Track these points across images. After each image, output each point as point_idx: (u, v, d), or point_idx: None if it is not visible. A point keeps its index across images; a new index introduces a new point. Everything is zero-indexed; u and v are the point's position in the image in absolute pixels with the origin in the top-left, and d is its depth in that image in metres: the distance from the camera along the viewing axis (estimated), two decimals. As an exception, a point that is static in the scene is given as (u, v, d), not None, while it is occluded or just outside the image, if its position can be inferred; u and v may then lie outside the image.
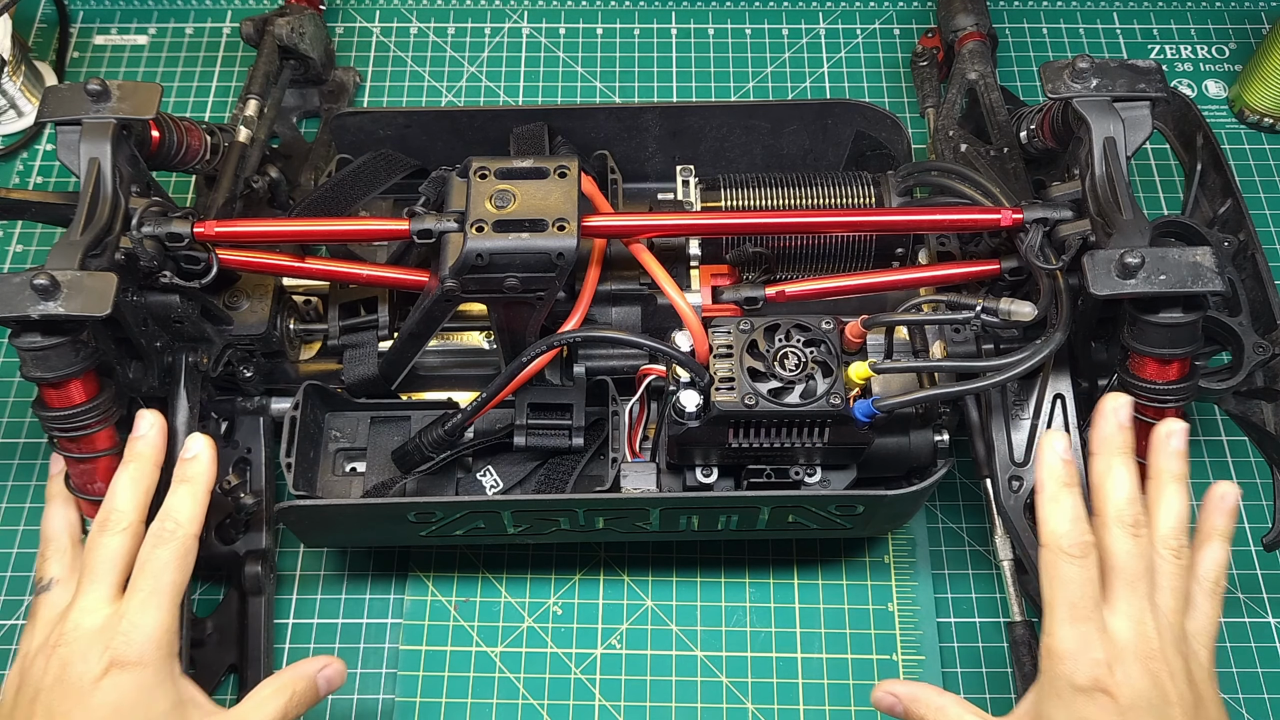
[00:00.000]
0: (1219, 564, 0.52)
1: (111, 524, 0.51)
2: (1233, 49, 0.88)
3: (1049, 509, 0.50)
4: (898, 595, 0.67)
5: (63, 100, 0.57)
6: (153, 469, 0.53)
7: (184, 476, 0.53)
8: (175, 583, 0.50)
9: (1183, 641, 0.49)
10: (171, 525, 0.51)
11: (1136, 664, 0.47)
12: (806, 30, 0.89)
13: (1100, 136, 0.56)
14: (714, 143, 0.70)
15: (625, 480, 0.59)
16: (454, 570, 0.68)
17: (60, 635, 0.49)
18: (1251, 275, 0.59)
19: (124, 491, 0.52)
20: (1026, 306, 0.54)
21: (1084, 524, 0.49)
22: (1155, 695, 0.46)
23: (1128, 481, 0.50)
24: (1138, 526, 0.49)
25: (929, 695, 0.52)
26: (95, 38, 0.89)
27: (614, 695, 0.64)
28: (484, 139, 0.69)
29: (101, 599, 0.49)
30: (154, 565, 0.50)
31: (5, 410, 0.73)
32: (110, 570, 0.50)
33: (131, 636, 0.48)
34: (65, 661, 0.48)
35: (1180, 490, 0.51)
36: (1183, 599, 0.49)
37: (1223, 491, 0.53)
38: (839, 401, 0.54)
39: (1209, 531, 0.53)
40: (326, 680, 0.54)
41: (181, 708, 0.49)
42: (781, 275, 0.64)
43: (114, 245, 0.53)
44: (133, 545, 0.51)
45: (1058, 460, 0.51)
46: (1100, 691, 0.46)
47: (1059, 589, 0.48)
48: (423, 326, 0.59)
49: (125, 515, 0.51)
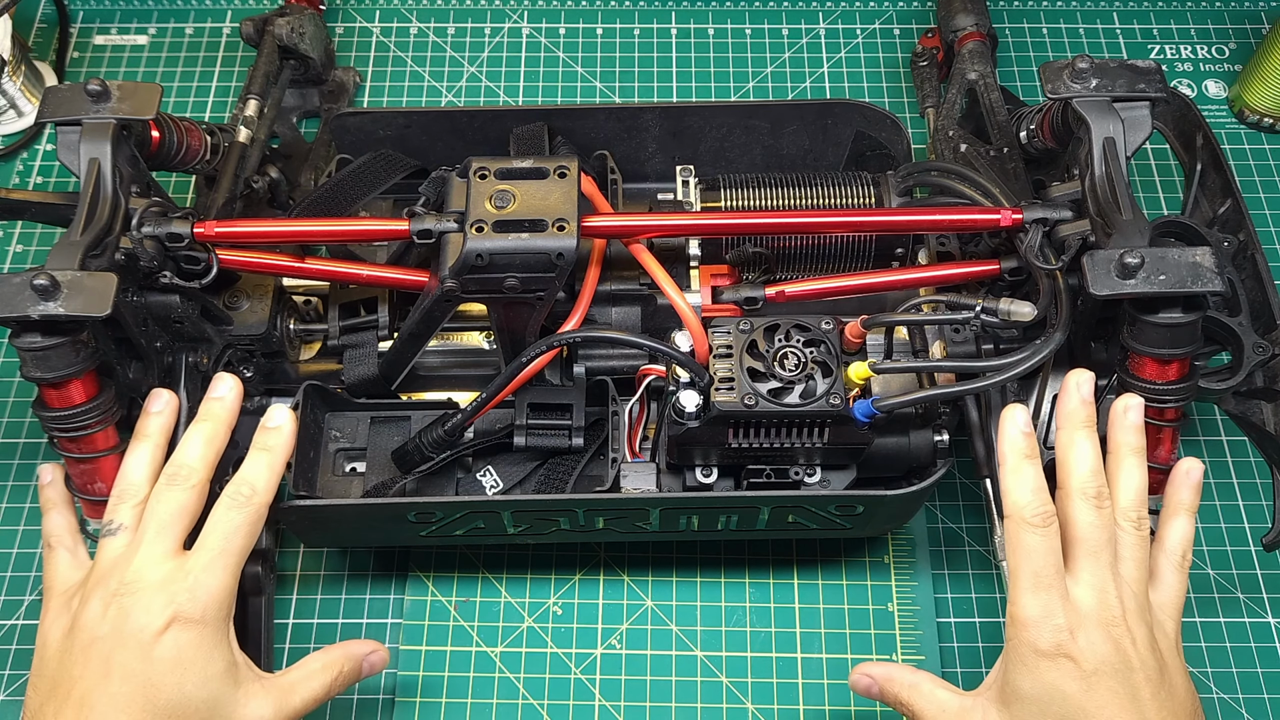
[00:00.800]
0: (1186, 538, 0.53)
1: (182, 478, 0.51)
2: (1233, 49, 0.88)
3: (1011, 480, 0.50)
4: (898, 595, 0.67)
5: (63, 100, 0.57)
6: (225, 430, 0.54)
7: (264, 445, 0.53)
8: (243, 548, 0.51)
9: (1146, 611, 0.50)
10: (248, 490, 0.51)
11: (1099, 630, 0.48)
12: (806, 30, 0.89)
13: (1100, 136, 0.56)
14: (714, 143, 0.70)
15: (625, 480, 0.59)
16: (454, 570, 0.68)
17: (122, 584, 0.48)
18: (1251, 275, 0.59)
19: (195, 447, 0.52)
20: (1026, 307, 0.54)
21: (1045, 494, 0.50)
22: (1118, 660, 0.47)
23: (1090, 454, 0.51)
24: (1100, 498, 0.50)
25: (902, 674, 0.53)
26: (95, 38, 0.89)
27: (614, 695, 0.64)
28: (484, 139, 0.69)
29: (165, 552, 0.49)
30: (225, 527, 0.50)
31: (5, 410, 0.73)
32: (175, 524, 0.50)
33: (196, 594, 0.48)
34: (126, 611, 0.48)
35: (1139, 463, 0.52)
36: (1145, 569, 0.50)
37: (1188, 467, 0.54)
38: (839, 402, 0.54)
39: (1175, 506, 0.54)
40: (371, 665, 0.56)
41: (234, 669, 0.50)
42: (781, 275, 0.64)
43: (114, 245, 0.53)
44: (198, 502, 0.51)
45: (1018, 433, 0.51)
46: (1064, 657, 0.47)
47: (1022, 558, 0.49)
48: (423, 327, 0.60)
49: (196, 472, 0.51)
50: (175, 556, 0.50)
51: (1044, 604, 0.48)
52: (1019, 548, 0.49)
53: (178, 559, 0.49)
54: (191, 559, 0.49)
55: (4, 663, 0.65)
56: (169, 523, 0.50)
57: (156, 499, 0.51)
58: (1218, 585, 0.68)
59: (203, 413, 0.54)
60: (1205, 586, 0.68)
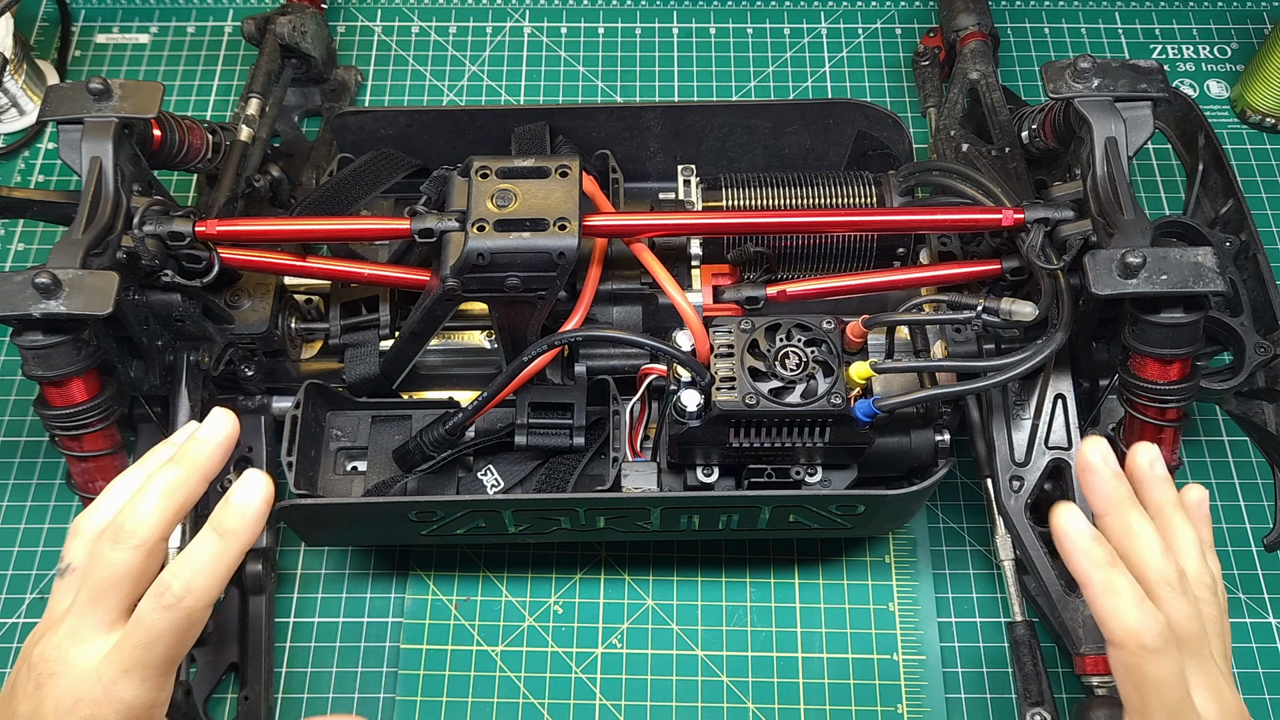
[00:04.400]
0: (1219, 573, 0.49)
1: (125, 536, 0.43)
2: (1235, 49, 0.88)
3: (1109, 604, 0.43)
4: (898, 595, 0.67)
5: (65, 99, 0.57)
6: (198, 481, 0.45)
7: (220, 527, 0.43)
8: (165, 658, 0.42)
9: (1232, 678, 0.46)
10: (179, 589, 0.42)
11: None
12: (808, 30, 0.89)
13: (1102, 136, 0.56)
14: (715, 142, 0.70)
15: (626, 480, 0.59)
16: (455, 569, 0.68)
17: (44, 661, 0.43)
18: (1253, 275, 0.59)
19: (150, 501, 0.43)
20: (1028, 306, 0.54)
21: (1149, 605, 0.43)
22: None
23: (1154, 536, 0.45)
24: (1183, 582, 0.45)
25: None
26: (97, 36, 0.89)
27: (614, 694, 0.64)
28: (485, 138, 0.69)
29: (97, 624, 0.43)
30: (142, 633, 0.42)
31: (6, 409, 0.73)
32: (113, 592, 0.43)
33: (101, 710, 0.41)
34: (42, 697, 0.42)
35: (1185, 518, 0.48)
36: (1228, 640, 0.47)
37: (1198, 498, 0.50)
38: (840, 401, 0.54)
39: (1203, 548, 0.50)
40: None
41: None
42: (782, 275, 0.64)
43: (115, 244, 0.53)
44: (144, 564, 0.43)
45: (1090, 545, 0.44)
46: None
47: (1152, 694, 0.43)
48: (424, 326, 0.60)
49: (142, 530, 0.43)
50: (110, 632, 0.43)
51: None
52: (1144, 682, 0.43)
53: (110, 637, 0.43)
54: (107, 662, 0.42)
55: (4, 661, 0.65)
56: (104, 590, 0.43)
57: (94, 557, 0.43)
58: (1219, 585, 0.68)
59: (177, 454, 0.45)
60: (1206, 587, 0.68)
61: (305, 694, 0.65)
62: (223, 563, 0.43)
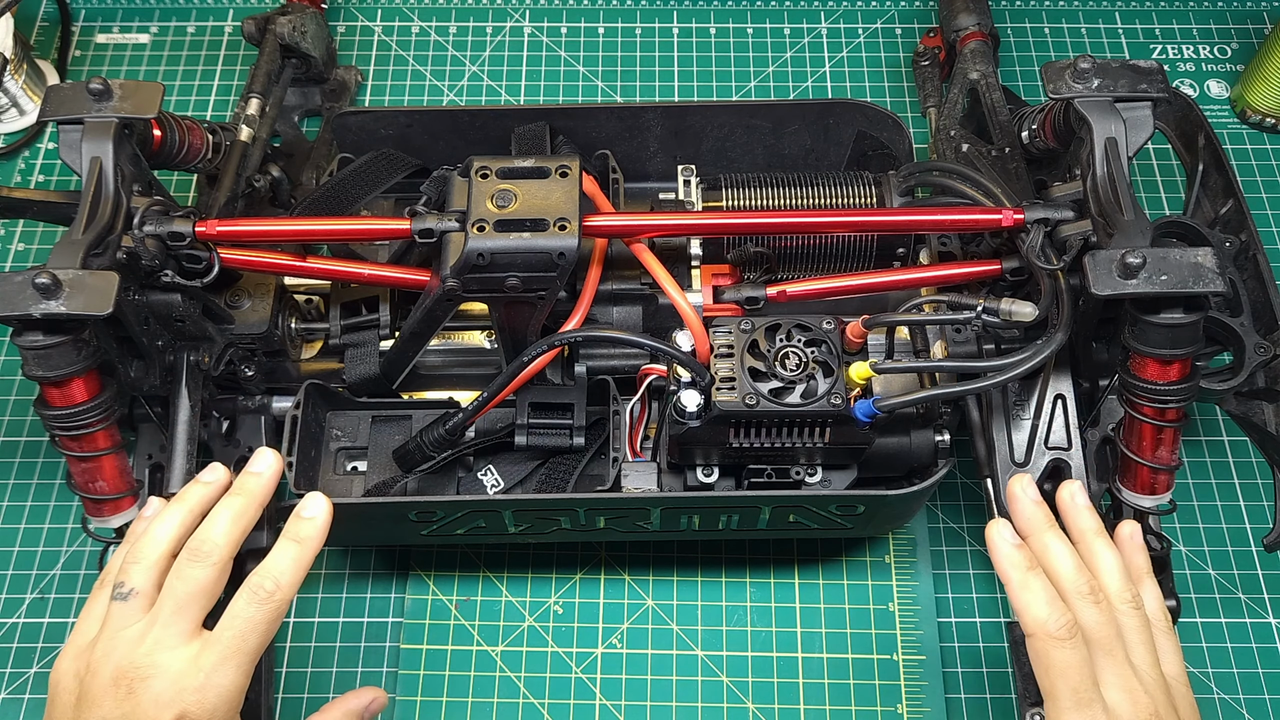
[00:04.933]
0: (1159, 600, 0.53)
1: (204, 555, 0.49)
2: (1235, 49, 0.88)
3: (1024, 597, 0.49)
4: (898, 595, 0.67)
5: (65, 99, 0.57)
6: (256, 508, 0.52)
7: (295, 535, 0.51)
8: (258, 646, 0.48)
9: (1167, 691, 0.49)
10: (270, 585, 0.49)
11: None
12: (808, 30, 0.89)
13: (1102, 137, 0.56)
14: (715, 142, 0.70)
15: (626, 480, 0.59)
16: (455, 569, 0.68)
17: (134, 666, 0.47)
18: (1253, 276, 0.59)
19: (222, 524, 0.50)
20: (1028, 307, 0.54)
21: (1060, 603, 0.49)
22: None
23: (1066, 553, 0.51)
24: (1095, 593, 0.49)
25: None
26: (97, 36, 0.89)
27: (614, 694, 0.64)
28: (485, 138, 0.69)
29: (181, 633, 0.48)
30: (241, 624, 0.48)
31: (6, 409, 0.74)
32: (193, 603, 0.48)
33: (205, 695, 0.46)
34: (136, 699, 0.46)
35: (1106, 542, 0.52)
36: (1152, 649, 0.50)
37: (1130, 531, 0.55)
38: (840, 401, 0.54)
39: (1137, 574, 0.54)
40: (371, 713, 0.56)
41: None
42: (783, 275, 0.64)
43: (116, 244, 0.53)
44: (219, 580, 0.49)
45: (1010, 550, 0.51)
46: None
47: (1058, 678, 0.48)
48: (424, 326, 0.60)
49: (219, 549, 0.49)
50: (191, 640, 0.48)
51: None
52: (1051, 667, 0.48)
53: (193, 644, 0.48)
54: (204, 653, 0.47)
55: (4, 661, 0.65)
56: (187, 602, 0.48)
57: (177, 574, 0.49)
58: (1218, 585, 0.68)
59: (237, 486, 0.52)
60: (1206, 586, 0.68)
61: (305, 694, 0.65)
62: (300, 564, 0.50)
